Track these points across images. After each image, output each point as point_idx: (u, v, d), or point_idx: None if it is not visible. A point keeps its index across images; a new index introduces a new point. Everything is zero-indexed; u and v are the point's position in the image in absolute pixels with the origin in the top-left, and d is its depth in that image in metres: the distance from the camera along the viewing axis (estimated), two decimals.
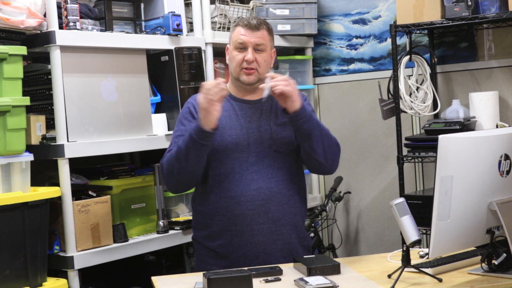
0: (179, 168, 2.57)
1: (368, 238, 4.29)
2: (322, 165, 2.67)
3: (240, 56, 2.66)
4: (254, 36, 2.65)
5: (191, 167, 2.57)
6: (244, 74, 2.66)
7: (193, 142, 2.52)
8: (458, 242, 2.18)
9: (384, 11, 4.17)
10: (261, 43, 2.66)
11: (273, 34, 2.76)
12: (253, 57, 2.65)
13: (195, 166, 2.58)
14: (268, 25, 2.74)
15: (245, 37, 2.66)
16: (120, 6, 3.30)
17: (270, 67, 2.76)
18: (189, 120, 2.67)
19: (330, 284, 2.14)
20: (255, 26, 2.67)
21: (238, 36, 2.67)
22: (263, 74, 2.68)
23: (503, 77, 3.74)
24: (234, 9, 3.85)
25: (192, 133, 2.52)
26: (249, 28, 2.66)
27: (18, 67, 2.74)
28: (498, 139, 2.19)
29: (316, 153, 2.61)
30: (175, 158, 2.57)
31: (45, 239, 2.79)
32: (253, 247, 2.61)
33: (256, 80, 2.67)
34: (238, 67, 2.67)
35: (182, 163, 2.56)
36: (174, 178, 2.61)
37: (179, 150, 2.55)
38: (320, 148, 2.61)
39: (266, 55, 2.68)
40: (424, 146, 3.64)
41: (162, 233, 3.28)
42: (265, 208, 2.61)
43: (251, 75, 2.66)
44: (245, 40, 2.65)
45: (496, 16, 3.37)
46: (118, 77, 3.16)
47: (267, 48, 2.69)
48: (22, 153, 2.76)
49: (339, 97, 4.37)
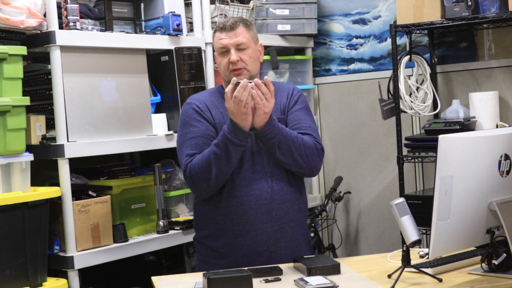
0: (219, 172, 2.55)
1: (368, 238, 4.29)
2: (300, 172, 2.68)
3: (225, 60, 2.67)
4: (232, 36, 2.66)
5: (231, 169, 2.58)
6: (234, 75, 2.65)
7: (233, 145, 2.51)
8: (458, 242, 2.18)
9: (384, 11, 4.17)
10: (241, 42, 2.66)
11: (253, 29, 2.74)
12: (237, 57, 2.65)
13: (234, 167, 2.59)
14: (246, 21, 2.73)
15: (224, 40, 2.66)
16: (120, 6, 3.30)
17: (260, 61, 2.75)
18: (198, 121, 2.66)
19: (330, 284, 2.14)
20: (230, 27, 2.67)
21: (218, 41, 2.69)
22: (254, 71, 2.68)
23: (503, 77, 3.74)
24: (234, 9, 3.85)
25: (230, 136, 2.50)
26: (225, 30, 2.67)
27: (18, 67, 2.74)
28: (498, 139, 2.19)
29: (286, 163, 2.62)
30: (215, 163, 2.53)
31: (45, 239, 2.79)
32: (256, 246, 2.61)
33: (248, 78, 2.66)
34: (227, 70, 2.67)
35: (222, 167, 2.54)
36: (212, 182, 2.57)
37: (217, 156, 2.53)
38: (289, 159, 2.60)
39: (251, 51, 2.68)
40: (424, 146, 3.64)
41: (162, 233, 3.28)
42: (268, 207, 2.61)
43: (241, 74, 2.66)
44: (225, 44, 2.66)
45: (496, 16, 3.37)
46: (118, 77, 3.16)
47: (249, 44, 2.68)
48: (22, 153, 2.76)
49: (339, 97, 4.37)
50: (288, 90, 2.78)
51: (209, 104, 2.71)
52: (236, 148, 2.52)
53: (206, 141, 2.62)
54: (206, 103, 2.71)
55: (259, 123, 2.52)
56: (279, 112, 2.71)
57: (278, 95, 2.74)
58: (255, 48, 2.71)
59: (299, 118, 2.71)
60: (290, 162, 2.61)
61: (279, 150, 2.57)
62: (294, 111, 2.73)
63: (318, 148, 2.66)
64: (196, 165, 2.57)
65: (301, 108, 2.75)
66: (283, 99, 2.75)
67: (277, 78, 4.14)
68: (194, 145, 2.61)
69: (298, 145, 2.59)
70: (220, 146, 2.52)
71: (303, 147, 2.61)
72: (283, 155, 2.58)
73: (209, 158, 2.53)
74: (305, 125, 2.70)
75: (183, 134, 2.68)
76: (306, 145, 2.62)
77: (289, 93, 2.77)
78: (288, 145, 2.57)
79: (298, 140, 2.60)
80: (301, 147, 2.60)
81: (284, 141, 2.56)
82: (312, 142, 2.65)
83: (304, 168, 2.64)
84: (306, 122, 2.71)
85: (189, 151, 2.62)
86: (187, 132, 2.66)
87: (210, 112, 2.68)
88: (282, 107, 2.73)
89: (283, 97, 2.75)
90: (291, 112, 2.72)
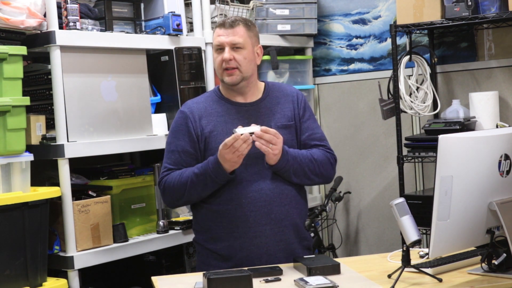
0: (190, 196, 2.63)
1: (368, 238, 4.29)
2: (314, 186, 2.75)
3: (220, 57, 2.66)
4: (229, 34, 2.64)
5: (203, 197, 2.63)
6: (226, 75, 2.65)
7: (212, 182, 2.56)
8: (458, 242, 2.18)
9: (384, 11, 4.17)
10: (236, 42, 2.64)
11: (254, 30, 2.72)
12: (230, 55, 2.63)
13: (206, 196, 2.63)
14: (248, 21, 2.71)
15: (221, 37, 2.65)
16: (120, 6, 3.30)
17: (257, 63, 2.73)
18: (183, 134, 2.67)
19: (330, 284, 2.14)
20: (229, 25, 2.65)
21: (216, 38, 2.68)
22: (247, 72, 2.66)
23: (503, 77, 3.74)
24: (234, 9, 3.85)
25: (213, 175, 2.54)
26: (224, 27, 2.66)
27: (18, 67, 2.74)
28: (498, 139, 2.19)
29: (303, 184, 2.71)
30: (189, 188, 2.59)
31: (45, 239, 2.79)
32: (256, 249, 2.61)
33: (240, 79, 2.65)
34: (220, 68, 2.67)
35: (195, 194, 2.61)
36: (180, 202, 2.69)
37: (194, 184, 2.58)
38: (305, 181, 2.68)
39: (246, 53, 2.66)
40: (424, 146, 3.64)
41: (162, 233, 3.28)
42: (267, 209, 2.61)
43: (233, 75, 2.64)
44: (221, 41, 2.65)
45: (496, 16, 3.37)
46: (118, 77, 3.16)
47: (246, 45, 2.66)
48: (22, 153, 2.75)
49: (339, 97, 4.37)
50: (292, 94, 2.77)
51: (202, 112, 2.69)
52: (214, 184, 2.58)
53: (185, 158, 2.66)
54: (200, 112, 2.69)
55: (273, 162, 2.57)
56: (286, 118, 2.71)
57: (282, 99, 2.74)
58: (251, 49, 2.68)
59: (312, 128, 2.75)
60: (306, 182, 2.70)
61: (295, 176, 2.64)
62: (306, 120, 2.75)
63: (331, 160, 2.73)
64: (171, 182, 2.63)
65: (310, 116, 2.78)
66: (289, 105, 2.74)
67: (277, 78, 4.14)
68: (174, 160, 2.67)
69: (312, 168, 2.66)
70: (199, 177, 2.57)
71: (317, 167, 2.67)
72: (299, 179, 2.65)
73: (186, 182, 2.60)
74: (318, 136, 2.75)
75: (168, 142, 2.73)
76: (320, 164, 2.68)
77: (293, 98, 2.76)
78: (303, 170, 2.64)
79: (312, 163, 2.66)
80: (315, 168, 2.67)
81: (299, 168, 2.63)
82: (325, 156, 2.71)
83: (319, 183, 2.80)
84: (318, 132, 2.76)
85: (167, 165, 2.68)
86: (171, 143, 2.70)
87: (201, 121, 2.68)
88: (290, 113, 2.73)
89: (288, 102, 2.74)
90: (303, 121, 2.74)
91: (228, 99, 2.71)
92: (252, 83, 2.72)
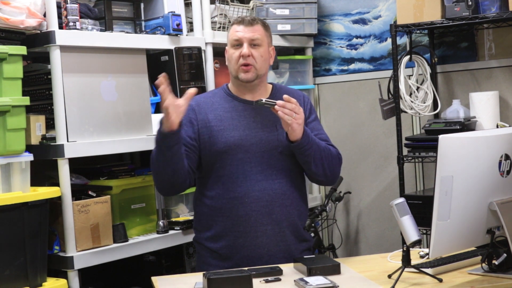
0: (163, 170, 2.58)
1: (368, 238, 4.29)
2: (322, 181, 2.74)
3: (237, 53, 2.67)
4: (248, 31, 2.66)
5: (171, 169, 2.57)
6: (242, 71, 2.66)
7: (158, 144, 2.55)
8: (458, 242, 2.18)
9: (384, 11, 4.17)
10: (256, 38, 2.66)
11: (269, 31, 2.75)
12: (249, 51, 2.65)
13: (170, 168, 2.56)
14: (265, 22, 2.75)
15: (239, 33, 2.67)
16: (120, 6, 3.30)
17: (270, 64, 2.75)
18: (185, 125, 2.66)
19: (330, 284, 2.13)
20: (249, 22, 2.68)
21: (233, 33, 2.69)
22: (261, 71, 2.68)
23: (503, 77, 3.74)
24: (234, 9, 3.85)
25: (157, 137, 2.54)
26: (243, 24, 2.68)
27: (18, 67, 2.74)
28: (498, 139, 2.19)
29: (317, 174, 2.66)
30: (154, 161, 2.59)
31: (45, 239, 2.79)
32: (256, 249, 2.61)
33: (255, 77, 2.67)
34: (236, 64, 2.67)
35: (160, 167, 2.57)
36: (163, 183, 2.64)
37: (152, 155, 2.59)
38: (320, 169, 2.64)
39: (262, 51, 2.68)
40: (424, 146, 3.64)
41: (162, 233, 3.28)
42: (269, 209, 2.61)
43: (249, 72, 2.66)
44: (240, 36, 2.66)
45: (496, 16, 3.37)
46: (118, 77, 3.16)
47: (263, 43, 2.68)
48: (22, 153, 2.75)
49: (339, 97, 4.37)
50: (299, 97, 2.77)
51: (208, 105, 2.71)
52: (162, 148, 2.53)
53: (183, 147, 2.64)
54: (206, 106, 2.71)
55: (297, 136, 2.53)
56: None
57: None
58: (267, 49, 2.72)
59: (318, 129, 2.75)
60: (320, 172, 2.65)
61: (313, 160, 2.60)
62: (311, 122, 2.76)
63: (339, 157, 2.72)
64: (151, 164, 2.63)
65: (315, 117, 2.79)
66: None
67: (277, 78, 4.14)
68: None
69: (326, 155, 2.64)
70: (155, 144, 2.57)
71: (330, 157, 2.66)
72: (316, 166, 2.62)
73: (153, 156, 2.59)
74: (324, 137, 2.75)
75: None
76: (333, 155, 2.68)
77: (300, 100, 2.75)
78: (320, 155, 2.62)
79: (326, 150, 2.65)
80: (328, 157, 2.65)
81: (317, 151, 2.61)
82: (335, 151, 2.70)
83: (328, 177, 2.69)
84: (323, 133, 2.76)
85: None
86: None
87: (207, 115, 2.68)
88: None
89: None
90: (309, 122, 2.74)
91: (237, 97, 2.73)
92: (263, 82, 2.75)
